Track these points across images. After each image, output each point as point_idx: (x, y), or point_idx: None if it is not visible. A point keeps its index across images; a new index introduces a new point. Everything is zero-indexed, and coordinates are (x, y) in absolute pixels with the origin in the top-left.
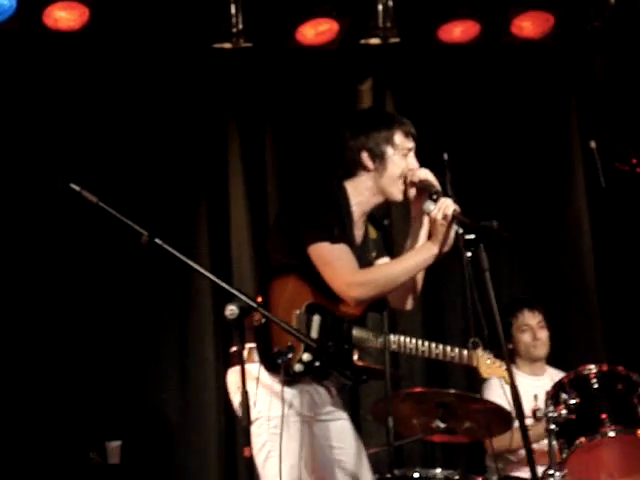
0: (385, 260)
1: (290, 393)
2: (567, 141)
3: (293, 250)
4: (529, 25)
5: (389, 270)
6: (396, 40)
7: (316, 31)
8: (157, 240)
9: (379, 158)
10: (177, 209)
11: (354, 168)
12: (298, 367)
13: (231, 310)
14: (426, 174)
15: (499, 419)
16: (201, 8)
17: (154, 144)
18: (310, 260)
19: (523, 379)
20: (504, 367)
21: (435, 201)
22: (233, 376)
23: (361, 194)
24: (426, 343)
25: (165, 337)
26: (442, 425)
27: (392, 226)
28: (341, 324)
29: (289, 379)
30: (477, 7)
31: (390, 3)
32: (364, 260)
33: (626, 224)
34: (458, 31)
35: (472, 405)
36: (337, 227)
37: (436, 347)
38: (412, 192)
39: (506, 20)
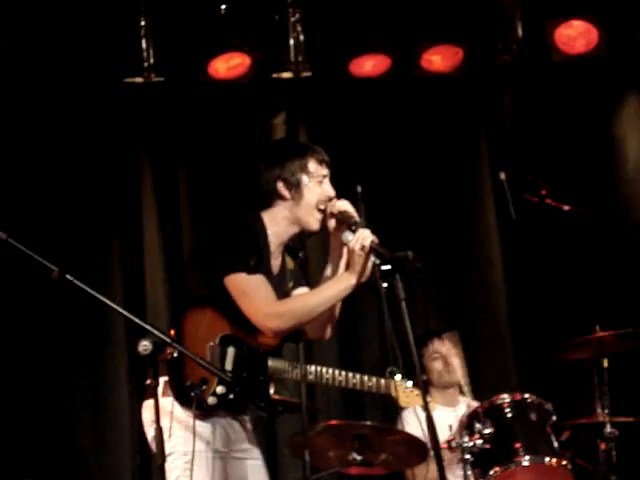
0: (302, 290)
1: (204, 427)
2: (477, 173)
3: (209, 282)
4: (438, 59)
5: (307, 301)
6: (308, 74)
7: (228, 65)
8: (68, 276)
9: (295, 187)
10: (89, 245)
11: (270, 198)
12: (211, 400)
13: (144, 346)
14: (345, 205)
15: (415, 450)
16: (112, 42)
17: (66, 178)
18: (226, 291)
19: (438, 410)
20: (418, 394)
21: (354, 232)
22: (147, 411)
23: (278, 224)
24: (343, 373)
25: (78, 373)
26: (358, 457)
27: (307, 257)
28: (256, 355)
29: (203, 413)
30: (388, 41)
31: (302, 37)
32: (281, 291)
33: (537, 254)
34: (369, 65)
35: (388, 437)
36: (253, 258)
37: (353, 377)
38: (332, 223)
39: (416, 54)
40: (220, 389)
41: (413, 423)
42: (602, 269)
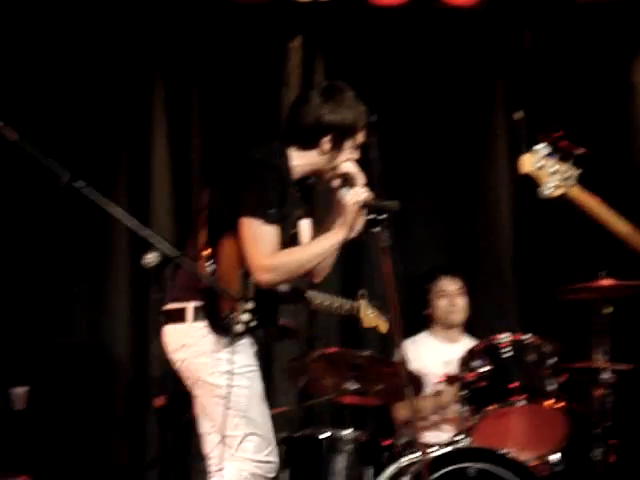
0: (305, 222)
1: (242, 345)
2: (492, 111)
3: (235, 214)
4: None
5: (299, 255)
6: None
7: None
8: (76, 183)
9: (337, 148)
10: (97, 157)
11: (307, 141)
12: (239, 327)
13: (149, 258)
14: (350, 166)
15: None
16: None
17: (78, 92)
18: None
19: (437, 345)
20: (384, 319)
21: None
22: (173, 336)
23: (302, 165)
24: (313, 293)
25: (79, 285)
26: (354, 386)
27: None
28: None
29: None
30: None
31: None
32: (291, 223)
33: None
34: None
35: (384, 368)
36: (275, 205)
37: (323, 298)
38: (336, 182)
39: None
40: (246, 317)
41: (409, 356)
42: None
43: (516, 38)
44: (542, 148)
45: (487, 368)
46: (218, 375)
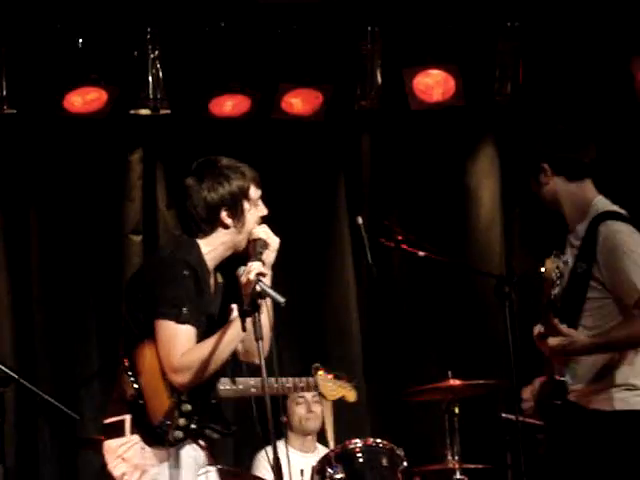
0: (231, 306)
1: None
2: (335, 216)
3: (150, 317)
4: (299, 102)
5: (208, 349)
6: (167, 111)
7: (84, 99)
8: None
9: (238, 216)
10: None
11: (209, 226)
12: (177, 434)
13: None
14: (260, 232)
15: None
16: None
17: None
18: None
19: (293, 454)
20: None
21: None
22: (111, 453)
23: (215, 249)
24: (273, 379)
25: None
26: None
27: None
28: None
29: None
30: (248, 82)
31: (160, 74)
32: (211, 317)
33: (393, 299)
34: (229, 105)
35: None
36: (187, 304)
37: (286, 381)
38: (251, 250)
39: (277, 96)
40: (182, 421)
41: (262, 466)
42: (455, 316)
43: (355, 144)
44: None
45: (342, 475)
46: None
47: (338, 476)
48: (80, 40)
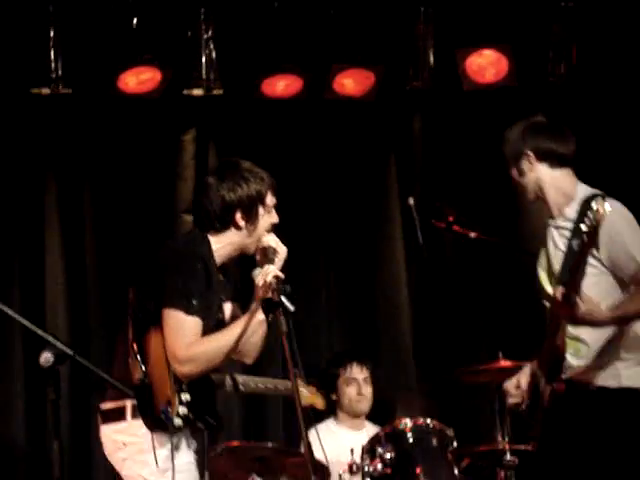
0: (227, 306)
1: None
2: (386, 197)
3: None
4: (351, 82)
5: (214, 343)
6: (220, 92)
7: (138, 79)
8: None
9: (252, 219)
10: None
11: (222, 224)
12: (177, 421)
13: (46, 357)
14: (270, 240)
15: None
16: (20, 51)
17: None
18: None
19: (342, 433)
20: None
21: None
22: (115, 435)
23: (224, 247)
24: (258, 379)
25: None
26: (258, 479)
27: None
28: None
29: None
30: (300, 62)
31: (214, 55)
32: (216, 311)
33: (443, 280)
34: (281, 85)
35: (289, 459)
36: (199, 295)
37: (269, 382)
38: (257, 256)
39: (328, 76)
40: (182, 410)
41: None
42: (505, 297)
43: (406, 125)
44: None
45: (391, 454)
46: (159, 473)
47: (388, 455)
48: (134, 20)
